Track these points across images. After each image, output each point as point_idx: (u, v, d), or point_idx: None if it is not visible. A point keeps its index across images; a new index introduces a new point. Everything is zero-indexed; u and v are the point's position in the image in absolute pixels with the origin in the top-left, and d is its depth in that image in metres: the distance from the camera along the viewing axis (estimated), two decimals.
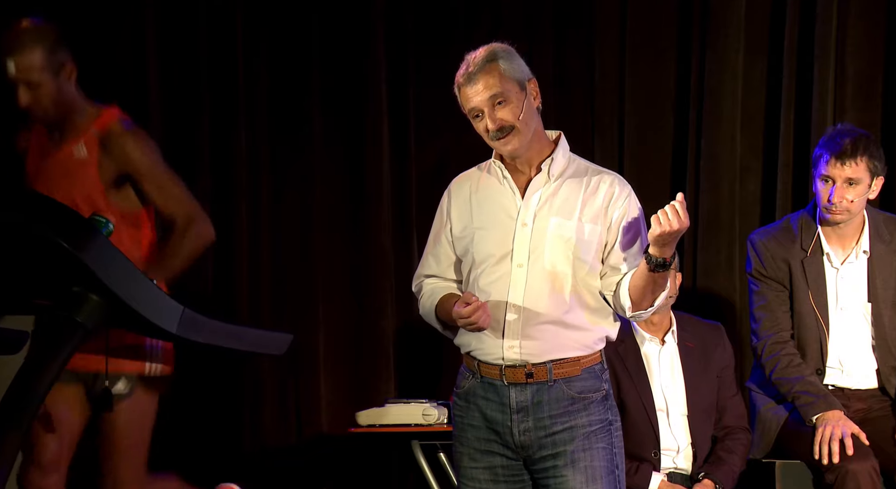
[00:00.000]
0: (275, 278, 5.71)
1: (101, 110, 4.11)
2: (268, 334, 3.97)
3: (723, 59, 5.39)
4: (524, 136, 3.51)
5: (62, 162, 4.06)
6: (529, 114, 3.52)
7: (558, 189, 3.54)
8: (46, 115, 4.03)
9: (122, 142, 4.04)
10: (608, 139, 5.55)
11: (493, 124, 3.48)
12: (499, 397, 3.53)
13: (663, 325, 4.76)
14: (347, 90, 5.71)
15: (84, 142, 4.05)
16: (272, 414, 5.68)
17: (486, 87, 3.48)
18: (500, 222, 3.54)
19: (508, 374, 3.52)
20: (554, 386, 3.50)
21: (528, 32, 5.61)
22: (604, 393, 3.55)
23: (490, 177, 3.62)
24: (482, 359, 3.56)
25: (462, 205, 3.63)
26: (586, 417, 3.51)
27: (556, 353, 3.50)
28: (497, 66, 3.49)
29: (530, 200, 3.53)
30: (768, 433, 4.66)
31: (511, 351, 3.50)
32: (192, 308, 3.44)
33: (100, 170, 4.04)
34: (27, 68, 3.96)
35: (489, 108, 3.48)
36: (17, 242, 3.34)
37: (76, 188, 4.03)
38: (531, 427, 3.51)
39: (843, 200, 4.48)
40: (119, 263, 3.31)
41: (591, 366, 3.55)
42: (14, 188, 3.29)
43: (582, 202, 3.52)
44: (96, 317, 3.37)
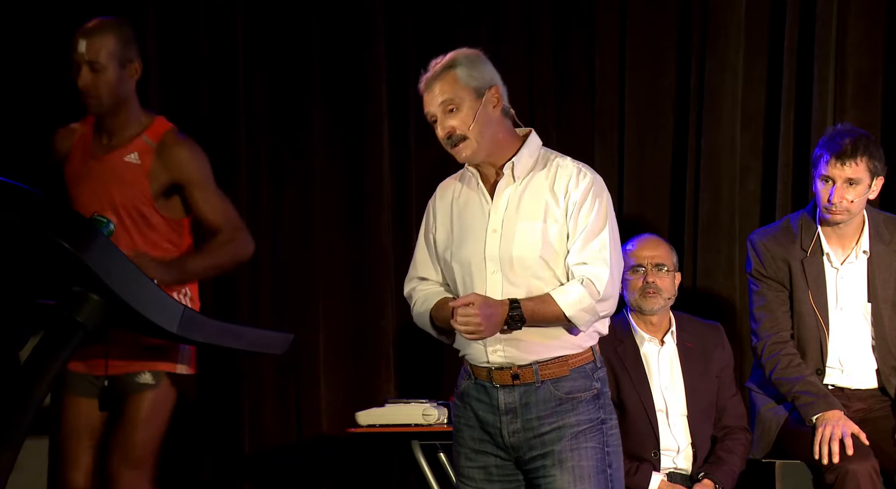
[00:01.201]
0: (275, 278, 5.71)
1: (153, 119, 4.16)
2: (268, 334, 3.98)
3: (723, 59, 5.39)
4: (476, 144, 3.51)
5: (112, 167, 4.09)
6: (484, 122, 3.51)
7: (525, 190, 3.54)
8: (99, 103, 4.06)
9: (177, 151, 4.11)
10: (608, 139, 5.55)
11: (442, 132, 3.51)
12: (489, 399, 3.55)
13: (662, 326, 4.76)
14: (347, 90, 5.71)
15: (136, 149, 4.09)
16: (272, 414, 5.68)
17: (439, 94, 3.50)
18: (475, 229, 3.55)
19: (496, 377, 3.53)
20: (541, 387, 3.50)
21: (528, 32, 5.61)
22: (595, 392, 3.54)
23: (467, 183, 3.64)
24: (473, 363, 3.59)
25: (444, 211, 3.65)
26: (574, 417, 3.50)
27: (540, 355, 3.50)
28: (453, 73, 3.51)
29: (498, 205, 3.54)
30: (768, 433, 4.66)
31: (496, 354, 3.51)
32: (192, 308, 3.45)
33: (151, 177, 4.09)
34: (97, 49, 4.01)
35: (441, 115, 3.50)
36: (17, 242, 3.34)
37: (125, 193, 4.07)
38: (520, 428, 3.52)
39: (843, 200, 4.48)
40: (120, 263, 3.31)
41: (581, 366, 3.54)
42: (15, 188, 3.28)
43: (546, 201, 3.52)
44: (97, 316, 3.37)
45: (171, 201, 4.13)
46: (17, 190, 3.29)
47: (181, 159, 4.11)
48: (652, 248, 4.75)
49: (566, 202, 3.51)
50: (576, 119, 5.59)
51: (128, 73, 4.08)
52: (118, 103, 4.08)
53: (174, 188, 4.12)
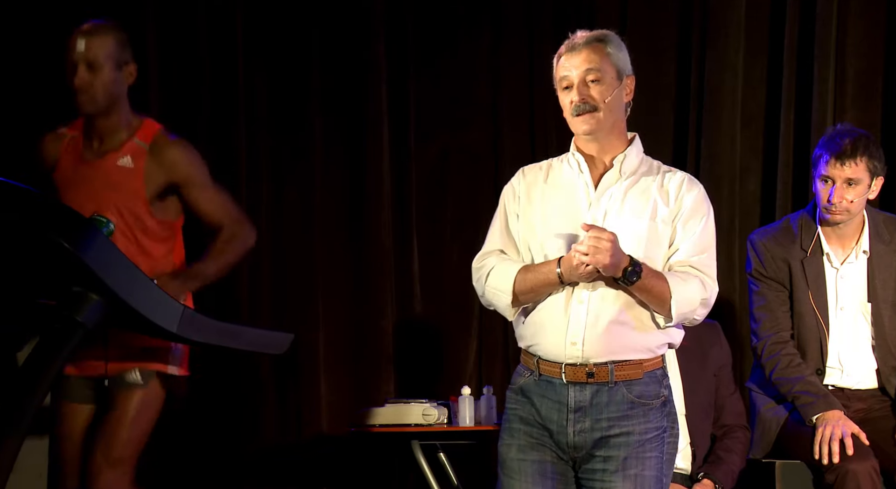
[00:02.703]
0: (275, 278, 5.71)
1: (142, 121, 4.16)
2: (268, 334, 3.97)
3: (723, 58, 5.39)
4: (604, 120, 3.47)
5: (105, 171, 4.09)
6: (616, 102, 3.48)
7: (630, 186, 3.49)
8: (94, 103, 4.07)
9: (171, 152, 4.11)
10: None
11: (577, 97, 3.45)
12: (557, 396, 3.46)
13: None
14: (347, 90, 5.72)
15: (129, 152, 4.09)
16: (272, 414, 5.68)
17: (585, 61, 3.46)
18: (571, 216, 3.47)
19: (569, 373, 3.44)
20: (614, 388, 3.43)
21: (528, 32, 5.61)
22: (663, 399, 3.49)
23: (566, 167, 3.56)
24: (542, 356, 3.48)
25: (534, 192, 3.56)
26: (644, 424, 3.44)
27: (618, 354, 3.43)
28: (604, 47, 3.47)
29: (602, 196, 3.48)
30: (768, 433, 4.66)
31: (573, 348, 3.42)
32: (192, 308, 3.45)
33: (146, 180, 4.09)
34: (96, 48, 4.04)
35: (580, 81, 3.45)
36: (17, 242, 3.34)
37: (120, 198, 4.06)
38: (588, 428, 3.44)
39: (842, 200, 4.48)
40: (120, 263, 3.31)
41: (653, 371, 3.48)
42: (15, 188, 3.28)
43: (654, 201, 3.47)
44: (97, 316, 3.37)
45: (166, 203, 4.13)
46: (17, 190, 3.29)
47: (175, 159, 4.11)
48: None
49: (677, 205, 3.48)
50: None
51: (123, 75, 4.09)
52: (111, 104, 4.09)
53: (169, 189, 4.11)
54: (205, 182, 4.15)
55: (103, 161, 4.10)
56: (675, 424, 3.53)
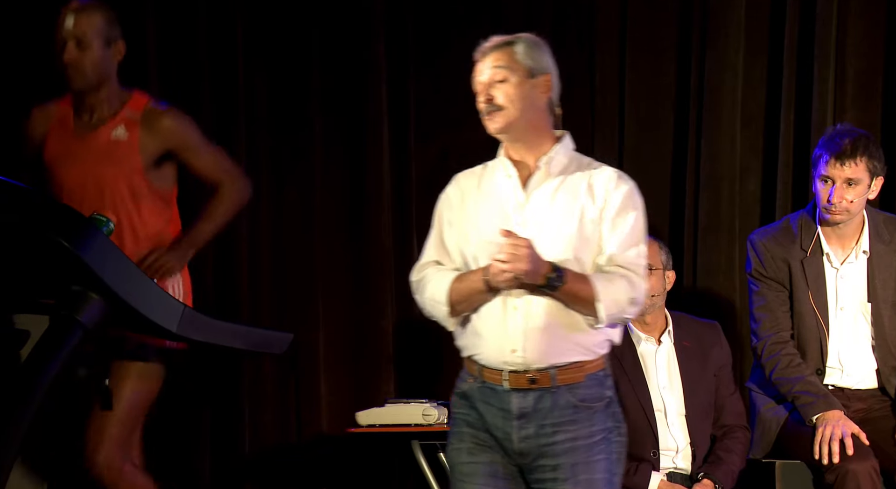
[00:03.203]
0: (275, 278, 5.71)
1: (131, 94, 4.23)
2: (268, 333, 3.98)
3: (723, 58, 5.39)
4: (510, 118, 3.46)
5: (99, 144, 4.14)
6: (526, 102, 3.47)
7: (559, 187, 3.49)
8: (83, 79, 4.11)
9: (163, 120, 4.19)
10: (608, 139, 5.55)
11: (483, 98, 3.47)
12: (500, 402, 3.46)
13: (658, 325, 4.76)
14: (347, 90, 5.71)
15: (122, 123, 4.13)
16: (272, 414, 5.68)
17: (491, 64, 3.48)
18: (502, 221, 3.47)
19: (511, 380, 3.44)
20: (557, 392, 3.44)
21: (528, 32, 5.61)
22: (607, 400, 3.50)
23: (496, 172, 3.56)
24: (484, 364, 3.49)
25: (467, 199, 3.57)
26: (589, 428, 3.44)
27: (559, 358, 3.43)
28: (512, 49, 3.49)
29: (531, 199, 3.48)
30: (768, 433, 4.66)
31: (513, 355, 3.43)
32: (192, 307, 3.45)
33: (141, 150, 4.15)
34: (85, 25, 4.09)
35: (487, 84, 3.47)
36: (17, 242, 3.34)
37: (116, 169, 4.13)
38: (532, 434, 3.44)
39: (842, 201, 4.48)
40: (119, 262, 3.32)
41: (595, 373, 3.48)
42: (14, 187, 3.29)
43: (582, 200, 3.46)
44: (96, 316, 3.37)
45: (162, 171, 4.20)
46: (17, 190, 3.30)
47: (169, 127, 4.19)
48: None
49: (605, 203, 3.46)
50: (576, 119, 5.58)
51: (112, 52, 4.16)
52: (101, 80, 4.15)
53: (165, 156, 4.18)
54: (200, 144, 4.25)
55: (96, 135, 4.14)
56: (621, 424, 3.52)
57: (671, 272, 4.79)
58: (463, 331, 3.53)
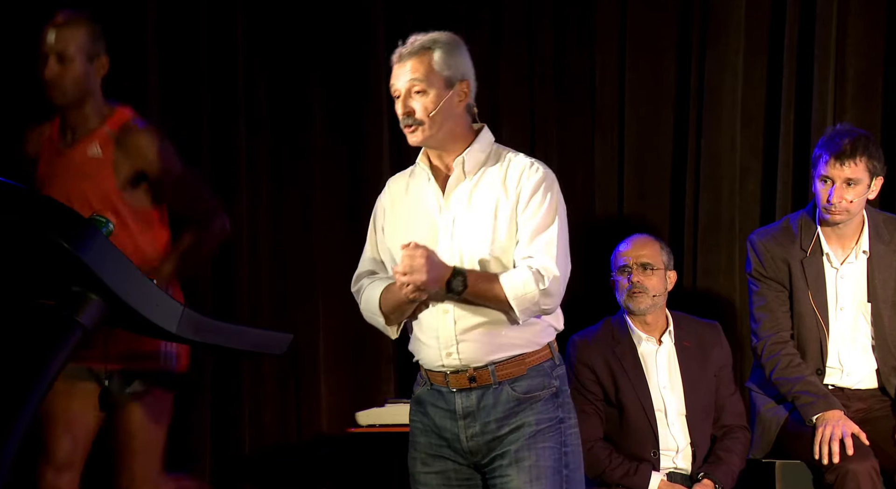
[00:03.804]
0: (275, 278, 5.71)
1: (114, 110, 4.14)
2: (268, 334, 3.97)
3: (723, 59, 5.39)
4: (430, 133, 3.45)
5: (76, 161, 4.08)
6: (445, 113, 3.45)
7: (475, 186, 3.48)
8: (64, 96, 4.05)
9: (136, 140, 4.08)
10: (608, 139, 5.55)
11: (402, 109, 3.45)
12: (446, 404, 3.49)
13: (659, 325, 4.76)
14: (347, 90, 5.71)
15: (98, 141, 4.07)
16: (272, 414, 5.68)
17: (409, 71, 3.44)
18: (426, 225, 3.49)
19: (452, 380, 3.46)
20: (499, 388, 3.44)
21: (528, 32, 5.61)
22: (553, 390, 3.48)
23: (417, 178, 3.58)
24: (428, 367, 3.53)
25: (394, 207, 3.60)
26: (533, 416, 3.43)
27: (496, 354, 3.44)
28: (430, 55, 3.45)
29: (450, 201, 3.48)
30: (768, 433, 4.66)
31: (450, 357, 3.45)
32: (191, 308, 3.44)
33: (115, 168, 4.07)
34: (66, 40, 4.03)
35: (405, 93, 3.45)
36: (17, 242, 3.34)
37: (91, 187, 4.05)
38: (478, 432, 3.46)
39: (842, 201, 4.48)
40: (119, 263, 3.31)
41: (539, 365, 3.47)
42: (13, 188, 3.28)
43: (497, 196, 3.45)
44: (96, 316, 3.36)
45: (137, 192, 4.09)
46: (17, 190, 3.29)
47: (141, 147, 4.08)
48: (638, 248, 4.75)
49: (516, 194, 3.44)
50: (576, 119, 5.59)
51: (95, 67, 4.08)
52: (82, 97, 4.08)
53: (139, 177, 4.09)
54: (171, 171, 4.11)
55: (74, 151, 4.09)
56: (573, 415, 3.51)
57: (672, 272, 4.79)
58: (411, 337, 3.57)
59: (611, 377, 4.65)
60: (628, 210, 5.48)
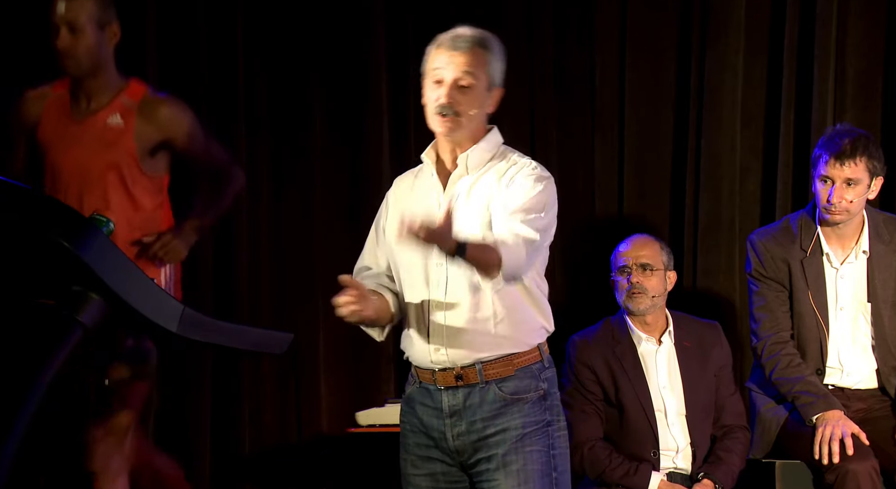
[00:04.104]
0: (275, 278, 5.71)
1: (129, 81, 4.22)
2: (268, 333, 3.97)
3: (723, 59, 5.39)
4: (462, 129, 3.44)
5: (95, 130, 4.15)
6: (480, 114, 3.46)
7: (476, 182, 3.47)
8: (78, 66, 4.09)
9: (161, 109, 4.20)
10: (608, 139, 5.55)
11: (446, 99, 3.40)
12: (433, 402, 3.48)
13: (658, 325, 4.76)
14: (347, 90, 5.71)
15: (118, 110, 4.14)
16: (272, 414, 5.68)
17: (464, 64, 3.41)
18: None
19: (440, 378, 3.45)
20: (485, 387, 3.43)
21: (528, 32, 5.61)
22: (541, 393, 3.46)
23: (422, 176, 3.58)
24: (417, 365, 3.52)
25: (398, 202, 3.60)
26: (520, 419, 3.42)
27: (483, 352, 3.43)
28: (487, 54, 3.44)
29: (449, 195, 3.48)
30: (768, 433, 4.66)
31: (438, 353, 3.44)
32: (192, 307, 3.44)
33: (136, 137, 4.15)
34: (76, 10, 4.06)
35: (453, 83, 3.41)
36: (17, 242, 3.34)
37: (111, 155, 4.13)
38: (464, 431, 3.45)
39: (842, 201, 4.48)
40: (119, 262, 3.31)
41: (528, 366, 3.46)
42: (14, 187, 3.29)
43: (492, 190, 3.44)
44: (96, 316, 3.36)
45: (156, 159, 4.21)
46: (17, 190, 3.29)
47: (166, 116, 4.19)
48: (638, 248, 4.75)
49: (509, 180, 3.42)
50: (576, 119, 5.59)
51: (107, 35, 4.13)
52: (97, 66, 4.13)
53: (161, 145, 4.19)
54: (196, 134, 4.25)
55: (93, 119, 4.13)
56: (561, 418, 3.49)
57: (672, 272, 4.79)
58: (403, 333, 3.56)
59: (611, 377, 4.65)
60: (628, 210, 5.48)
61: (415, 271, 3.48)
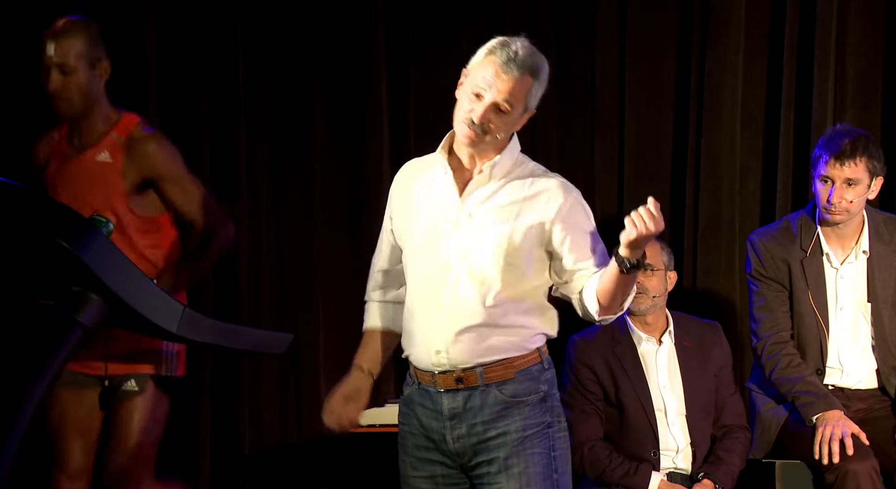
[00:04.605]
0: (275, 278, 5.71)
1: (122, 115, 4.15)
2: (268, 334, 3.97)
3: (723, 59, 5.39)
4: (490, 146, 3.42)
5: (84, 167, 4.09)
6: (510, 133, 3.45)
7: (498, 190, 3.45)
8: (71, 106, 4.06)
9: (144, 146, 4.10)
10: (608, 139, 5.55)
11: (480, 117, 3.37)
12: (433, 404, 3.47)
13: (659, 325, 4.76)
14: (347, 90, 5.71)
15: (107, 147, 4.08)
16: (272, 414, 5.67)
17: (510, 91, 3.36)
18: (434, 219, 3.46)
19: (440, 381, 3.44)
20: (486, 390, 3.42)
21: (528, 32, 5.59)
22: (541, 395, 3.46)
23: (433, 170, 3.53)
24: (416, 366, 3.51)
25: (406, 194, 3.56)
26: (521, 421, 3.42)
27: (485, 357, 3.42)
28: (531, 82, 3.38)
29: (467, 200, 3.45)
30: (768, 433, 4.66)
31: (439, 355, 3.43)
32: (192, 307, 3.45)
33: (123, 175, 4.09)
34: (66, 52, 4.02)
35: (491, 104, 3.37)
36: (17, 242, 3.34)
37: (98, 193, 4.06)
38: (464, 434, 3.44)
39: (842, 201, 4.48)
40: (119, 263, 3.31)
41: (527, 369, 3.45)
42: (14, 188, 3.29)
43: (520, 206, 3.43)
44: (96, 316, 3.37)
45: (145, 198, 4.11)
46: (17, 190, 3.30)
47: (149, 154, 4.09)
48: None
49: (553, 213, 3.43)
50: (576, 119, 5.59)
51: (98, 73, 4.08)
52: (88, 105, 4.08)
53: (146, 184, 4.10)
54: (178, 177, 4.14)
55: (83, 157, 4.10)
56: (562, 419, 3.49)
57: (673, 273, 4.79)
58: (404, 331, 3.56)
59: (611, 377, 4.65)
60: (628, 210, 5.45)
61: (425, 269, 3.47)
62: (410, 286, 3.53)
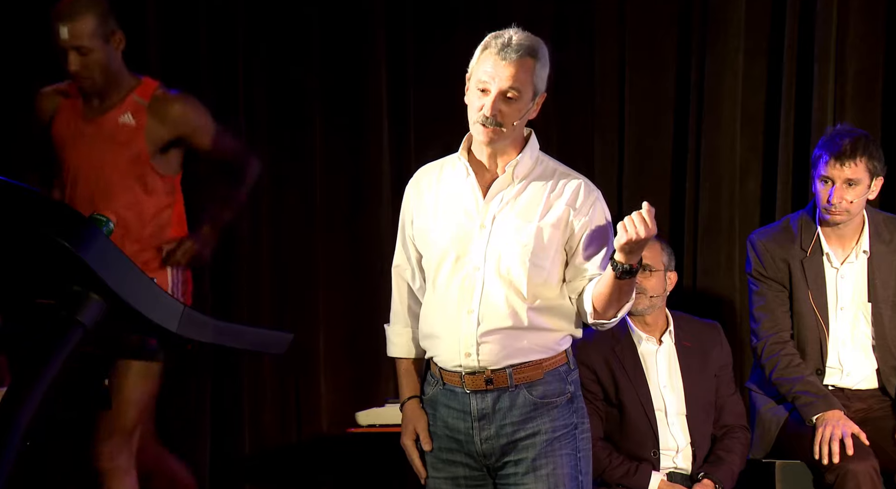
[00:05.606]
0: (275, 278, 5.71)
1: (140, 79, 4.26)
2: (268, 333, 3.96)
3: (723, 59, 5.39)
4: (505, 139, 3.43)
5: (106, 129, 4.18)
6: (522, 121, 3.44)
7: (522, 191, 3.47)
8: (94, 84, 4.14)
9: (173, 107, 4.24)
10: (608, 139, 5.55)
11: (490, 110, 3.37)
12: (460, 405, 3.47)
13: (659, 325, 4.76)
14: (347, 90, 5.71)
15: (129, 109, 4.16)
16: (272, 414, 5.68)
17: (512, 77, 3.37)
18: (459, 221, 3.47)
19: (468, 382, 3.44)
20: (515, 391, 3.43)
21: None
22: (569, 396, 3.48)
23: (454, 172, 3.54)
24: (443, 367, 3.49)
25: (424, 198, 3.56)
26: (550, 423, 3.44)
27: (514, 358, 3.42)
28: (533, 63, 3.39)
29: (491, 202, 3.46)
30: (768, 433, 4.66)
31: (469, 358, 3.43)
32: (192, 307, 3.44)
33: (147, 136, 4.18)
34: (80, 34, 4.08)
35: (498, 95, 3.37)
36: (17, 242, 3.34)
37: (122, 153, 4.16)
38: (493, 434, 3.44)
39: (842, 201, 4.48)
40: (119, 262, 3.31)
41: (555, 369, 3.48)
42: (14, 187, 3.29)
43: (544, 206, 3.44)
44: (96, 316, 3.36)
45: (168, 157, 4.25)
46: (17, 189, 3.29)
47: (178, 114, 4.23)
48: None
49: (573, 212, 3.45)
50: (576, 119, 5.59)
51: (113, 44, 4.17)
52: (111, 77, 4.18)
53: (173, 143, 4.23)
54: (209, 128, 4.29)
55: (104, 119, 4.17)
56: (585, 420, 3.51)
57: (673, 273, 4.78)
58: (423, 333, 3.54)
59: (611, 377, 4.65)
60: (628, 210, 5.45)
61: (452, 272, 3.46)
62: (435, 289, 3.50)
